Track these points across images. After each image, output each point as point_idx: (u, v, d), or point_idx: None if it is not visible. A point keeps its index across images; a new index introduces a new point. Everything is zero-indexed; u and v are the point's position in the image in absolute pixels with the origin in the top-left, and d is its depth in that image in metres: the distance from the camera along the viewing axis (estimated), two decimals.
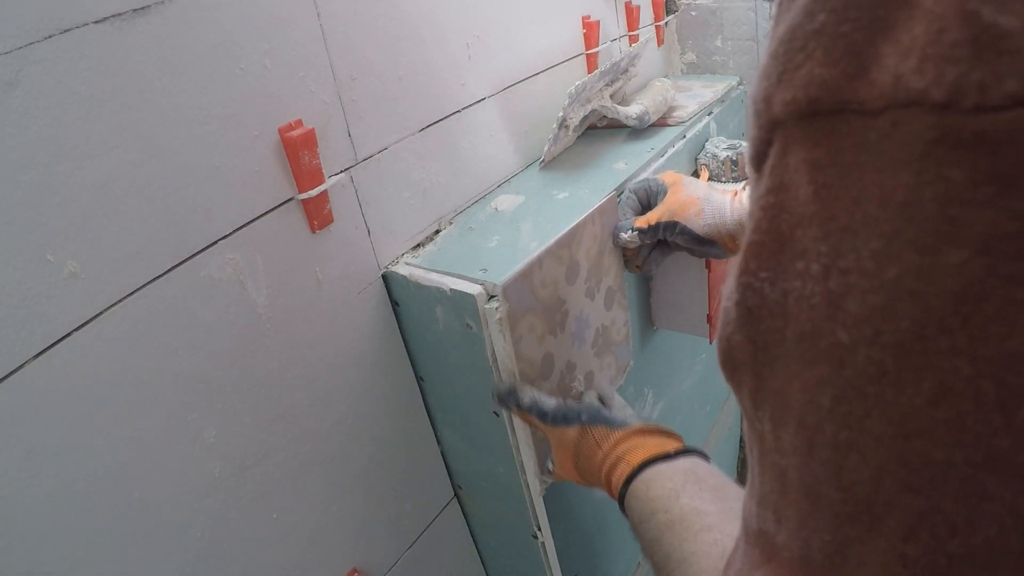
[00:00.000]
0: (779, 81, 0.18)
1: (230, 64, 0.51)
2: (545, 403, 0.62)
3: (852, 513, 0.19)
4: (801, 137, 0.18)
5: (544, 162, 0.85)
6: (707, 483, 0.49)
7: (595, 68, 0.92)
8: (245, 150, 0.53)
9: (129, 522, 0.49)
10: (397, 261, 0.68)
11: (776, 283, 0.19)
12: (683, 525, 0.45)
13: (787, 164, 0.18)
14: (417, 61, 0.67)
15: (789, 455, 0.21)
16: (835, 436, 0.19)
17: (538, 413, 0.62)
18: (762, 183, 0.20)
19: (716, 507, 0.46)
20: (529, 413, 0.62)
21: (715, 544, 0.42)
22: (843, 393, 0.18)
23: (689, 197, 0.75)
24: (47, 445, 0.44)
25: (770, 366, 0.21)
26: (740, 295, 0.21)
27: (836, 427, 0.19)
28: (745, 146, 0.23)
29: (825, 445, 0.19)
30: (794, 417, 0.20)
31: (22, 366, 0.42)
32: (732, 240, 0.74)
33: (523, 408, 0.63)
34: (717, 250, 0.75)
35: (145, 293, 0.48)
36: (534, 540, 0.76)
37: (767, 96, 0.19)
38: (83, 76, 0.43)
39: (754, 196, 0.20)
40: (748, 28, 1.10)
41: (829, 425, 0.19)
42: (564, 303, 0.70)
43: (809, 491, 0.20)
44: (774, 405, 0.21)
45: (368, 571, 0.71)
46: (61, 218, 0.43)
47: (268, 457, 0.59)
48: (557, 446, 0.62)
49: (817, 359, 0.19)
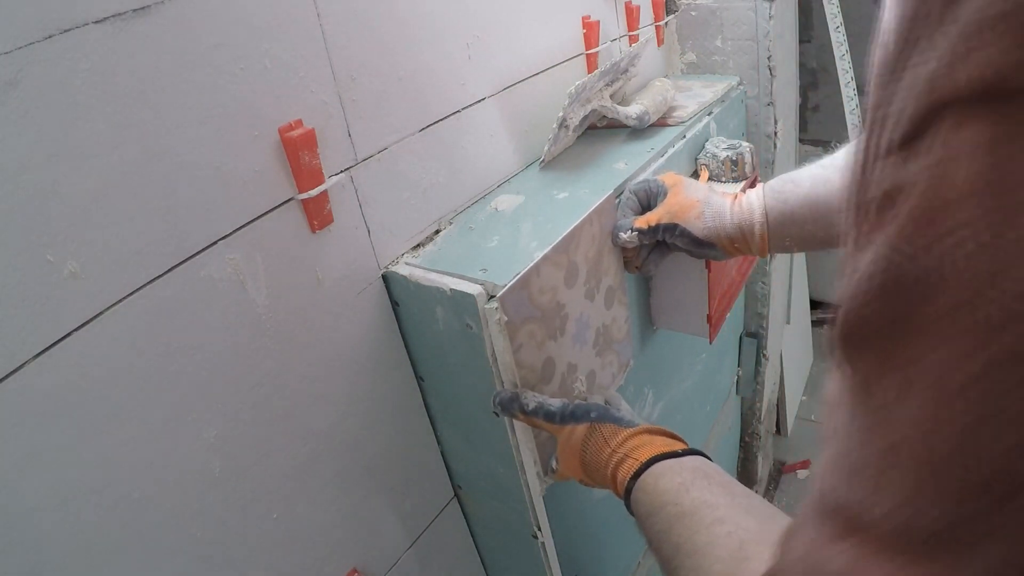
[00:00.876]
0: (953, 62, 0.19)
1: (230, 64, 0.51)
2: (551, 403, 0.62)
3: (980, 486, 0.19)
4: (982, 114, 0.18)
5: (544, 162, 0.85)
6: (715, 479, 0.49)
7: (595, 68, 0.92)
8: (245, 150, 0.53)
9: (129, 522, 0.49)
10: (397, 261, 0.68)
11: (932, 251, 0.20)
12: (694, 518, 0.46)
13: (960, 138, 0.19)
14: (417, 61, 0.67)
15: (907, 428, 0.21)
16: (969, 410, 0.19)
17: (545, 414, 0.62)
18: (922, 157, 0.20)
19: (726, 501, 0.46)
20: (535, 416, 0.63)
21: (729, 536, 0.43)
22: (986, 368, 0.19)
23: (689, 199, 0.74)
24: (47, 445, 0.44)
25: (906, 338, 0.21)
26: (886, 264, 0.21)
27: (971, 402, 0.19)
28: (873, 127, 0.24)
29: (956, 419, 0.19)
30: (924, 390, 0.20)
31: (22, 366, 0.42)
32: (731, 243, 0.74)
33: (528, 413, 0.63)
34: (716, 252, 0.75)
35: (145, 293, 0.48)
36: (534, 540, 0.76)
37: (933, 77, 0.19)
38: (83, 76, 0.43)
39: (910, 168, 0.21)
40: (748, 28, 1.10)
41: (964, 400, 0.19)
42: (563, 307, 0.70)
43: (925, 465, 0.20)
44: (902, 378, 0.21)
45: (368, 571, 0.71)
46: (61, 218, 0.43)
47: (268, 457, 0.59)
48: (564, 444, 0.62)
49: (964, 332, 0.19)
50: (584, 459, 0.60)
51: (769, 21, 1.08)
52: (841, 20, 1.40)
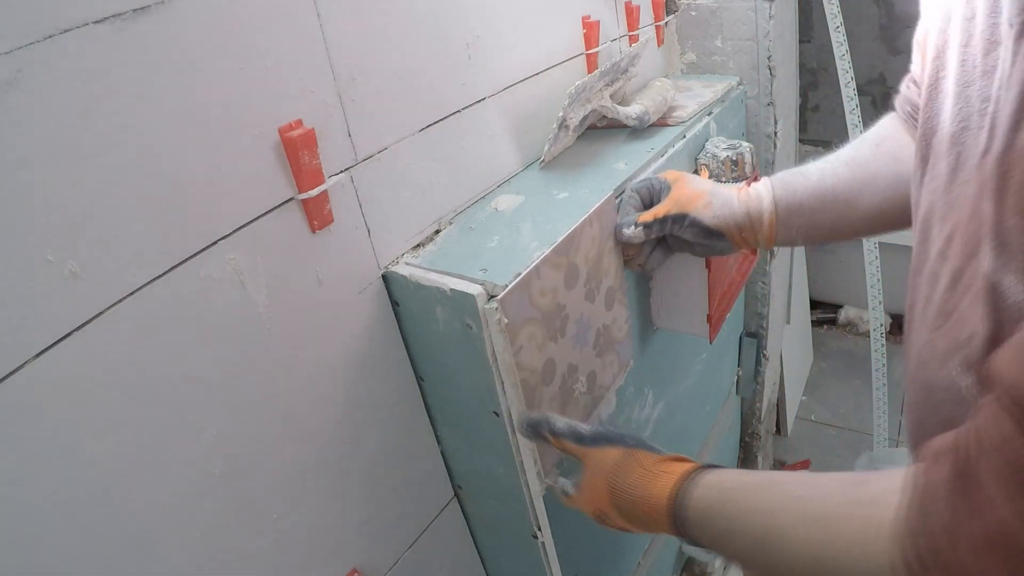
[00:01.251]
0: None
1: (230, 64, 0.51)
2: (580, 426, 0.62)
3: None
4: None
5: (544, 162, 0.85)
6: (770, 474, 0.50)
7: (595, 68, 0.92)
8: (245, 150, 0.53)
9: (129, 522, 0.49)
10: (397, 261, 0.68)
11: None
12: (786, 484, 0.46)
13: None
14: (417, 61, 0.67)
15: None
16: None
17: (575, 437, 0.61)
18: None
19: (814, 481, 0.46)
20: (565, 438, 0.62)
21: (833, 479, 0.44)
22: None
23: (696, 190, 0.74)
24: (47, 445, 0.44)
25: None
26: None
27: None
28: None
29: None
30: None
31: (22, 366, 0.42)
32: (739, 232, 0.73)
33: (557, 434, 0.62)
34: (724, 243, 0.75)
35: (145, 293, 0.48)
36: (534, 540, 0.76)
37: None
38: (83, 76, 0.43)
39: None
40: (748, 28, 1.10)
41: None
42: (564, 309, 0.70)
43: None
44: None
45: (368, 571, 0.71)
46: (61, 218, 0.43)
47: (268, 457, 0.59)
48: (593, 467, 0.61)
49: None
50: (614, 483, 0.58)
51: (769, 21, 1.08)
52: (841, 20, 1.40)
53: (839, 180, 0.70)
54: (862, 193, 0.68)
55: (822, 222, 0.71)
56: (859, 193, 0.69)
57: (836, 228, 0.71)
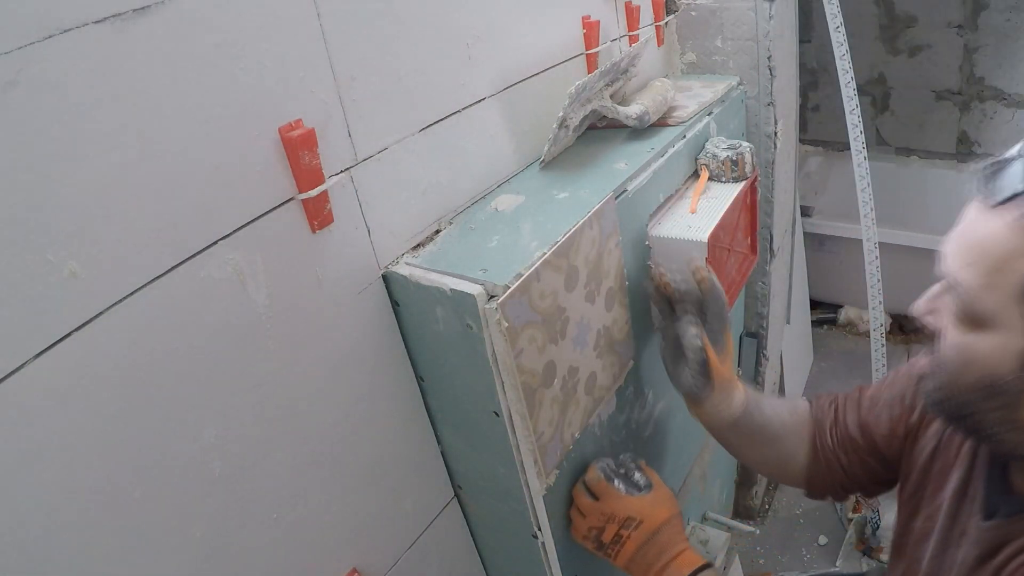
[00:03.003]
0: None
1: (230, 64, 0.51)
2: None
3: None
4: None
5: (544, 162, 0.85)
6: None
7: (595, 68, 0.92)
8: (245, 150, 0.53)
9: (129, 522, 0.49)
10: (397, 261, 0.68)
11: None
12: None
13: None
14: (417, 61, 0.67)
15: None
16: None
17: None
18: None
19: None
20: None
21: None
22: None
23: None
24: (47, 445, 0.44)
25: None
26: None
27: None
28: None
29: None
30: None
31: (22, 366, 0.42)
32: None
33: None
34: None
35: (145, 293, 0.48)
36: (534, 540, 0.76)
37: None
38: (83, 76, 0.43)
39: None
40: (748, 28, 1.10)
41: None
42: (564, 311, 0.70)
43: None
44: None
45: (368, 571, 0.71)
46: (61, 218, 0.43)
47: (268, 457, 0.59)
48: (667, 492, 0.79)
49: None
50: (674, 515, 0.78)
51: (769, 21, 1.08)
52: (841, 20, 1.40)
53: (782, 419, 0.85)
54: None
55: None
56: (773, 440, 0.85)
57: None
